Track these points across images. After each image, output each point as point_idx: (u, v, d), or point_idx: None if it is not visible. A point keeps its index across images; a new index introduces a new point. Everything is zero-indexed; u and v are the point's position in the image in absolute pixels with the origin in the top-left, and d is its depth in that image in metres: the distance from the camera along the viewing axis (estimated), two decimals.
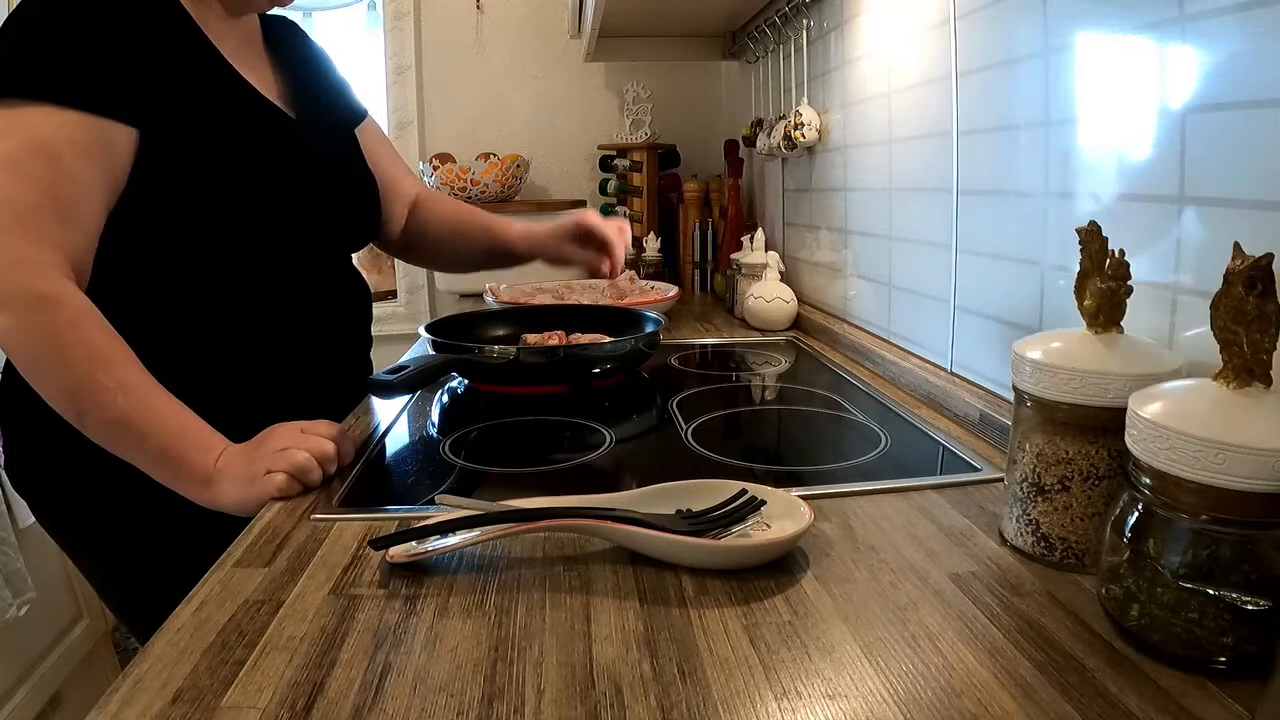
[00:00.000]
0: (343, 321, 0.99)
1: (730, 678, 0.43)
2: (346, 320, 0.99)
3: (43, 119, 0.70)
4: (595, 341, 1.03)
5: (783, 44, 1.47)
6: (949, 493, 0.66)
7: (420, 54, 2.13)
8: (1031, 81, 0.74)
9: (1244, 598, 0.40)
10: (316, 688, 0.42)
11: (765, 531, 0.56)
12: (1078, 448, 0.51)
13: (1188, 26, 0.56)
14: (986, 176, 0.84)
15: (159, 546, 0.82)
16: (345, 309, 0.99)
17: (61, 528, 0.88)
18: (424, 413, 0.96)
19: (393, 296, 2.26)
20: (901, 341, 1.07)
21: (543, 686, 0.42)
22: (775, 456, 0.84)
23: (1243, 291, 0.40)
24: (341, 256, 1.01)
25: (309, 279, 0.92)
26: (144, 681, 0.43)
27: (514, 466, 0.79)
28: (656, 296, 1.47)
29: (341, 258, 1.01)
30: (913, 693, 0.41)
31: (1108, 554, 0.46)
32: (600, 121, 2.18)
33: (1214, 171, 0.55)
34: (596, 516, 0.55)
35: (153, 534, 0.82)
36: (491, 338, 1.16)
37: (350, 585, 0.53)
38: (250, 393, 0.85)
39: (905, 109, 1.01)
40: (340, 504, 0.67)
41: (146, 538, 0.83)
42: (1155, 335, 0.58)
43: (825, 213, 1.34)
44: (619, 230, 1.13)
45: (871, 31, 1.11)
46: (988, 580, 0.52)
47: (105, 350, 0.69)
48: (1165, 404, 0.43)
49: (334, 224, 0.96)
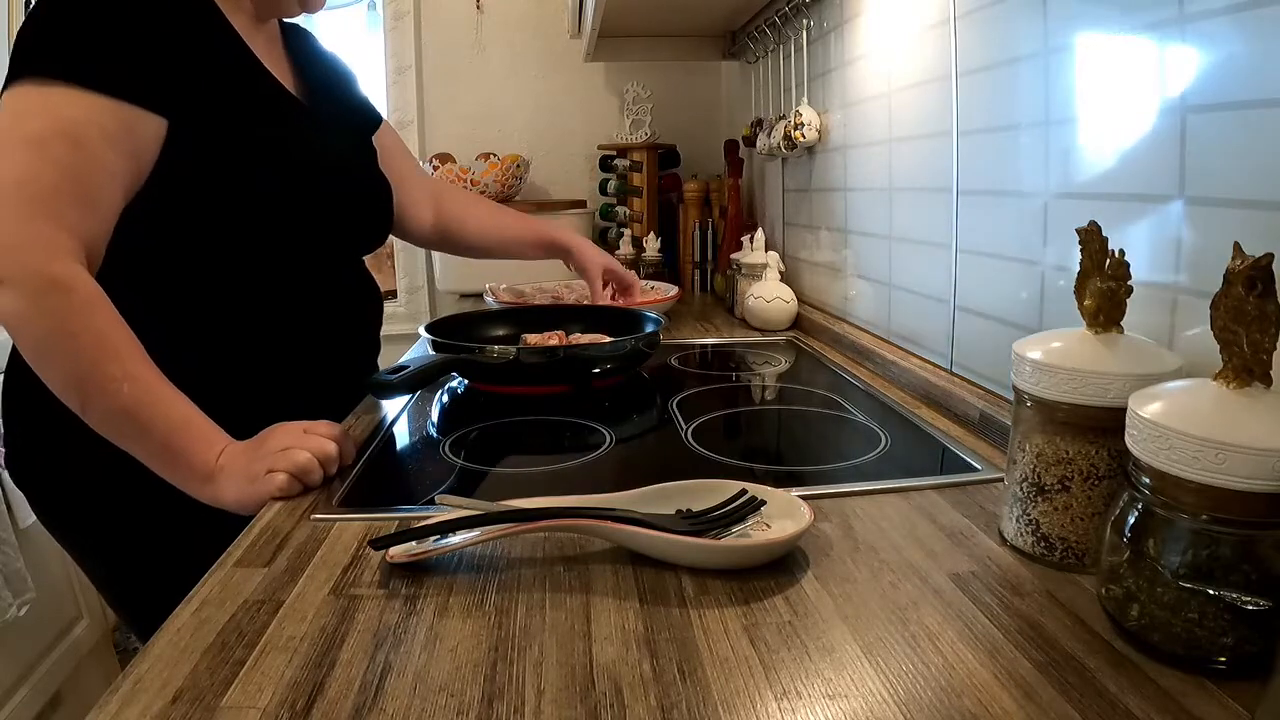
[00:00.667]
0: (352, 322, 0.99)
1: (730, 678, 0.43)
2: (356, 321, 1.00)
3: (72, 101, 0.70)
4: (595, 341, 1.03)
5: (783, 44, 1.47)
6: (949, 493, 0.66)
7: (420, 54, 2.13)
8: (1031, 81, 0.74)
9: (1244, 598, 0.40)
10: (316, 688, 0.42)
11: (765, 531, 0.56)
12: (1078, 448, 0.51)
13: (1188, 26, 0.56)
14: (986, 176, 0.84)
15: (160, 544, 0.82)
16: (356, 309, 0.99)
17: (62, 524, 0.88)
18: (424, 413, 0.96)
19: (393, 296, 2.26)
20: (901, 341, 1.07)
21: (543, 686, 0.42)
22: (775, 456, 0.84)
23: (1243, 291, 0.40)
24: (354, 258, 1.02)
25: (322, 277, 0.93)
26: (144, 681, 0.43)
27: (514, 466, 0.79)
28: (656, 296, 1.47)
29: (354, 259, 1.02)
30: (913, 693, 0.41)
31: (1108, 554, 0.46)
32: (600, 121, 2.18)
33: (1214, 171, 0.55)
34: (596, 516, 0.55)
35: (154, 532, 0.82)
36: (491, 338, 1.16)
37: (350, 585, 0.53)
38: (258, 389, 0.85)
39: (905, 109, 1.01)
40: (340, 504, 0.67)
41: (148, 536, 0.83)
42: (1155, 335, 0.58)
43: (825, 213, 1.34)
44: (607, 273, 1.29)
45: (871, 31, 1.11)
46: (988, 580, 0.52)
47: (114, 339, 0.69)
48: (1165, 404, 0.43)
49: (349, 224, 0.97)
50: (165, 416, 0.70)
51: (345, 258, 0.99)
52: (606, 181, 2.09)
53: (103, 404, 0.68)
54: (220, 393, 0.76)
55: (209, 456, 0.70)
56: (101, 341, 0.68)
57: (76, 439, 0.71)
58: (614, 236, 2.01)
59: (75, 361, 0.68)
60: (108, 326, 0.69)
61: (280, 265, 0.87)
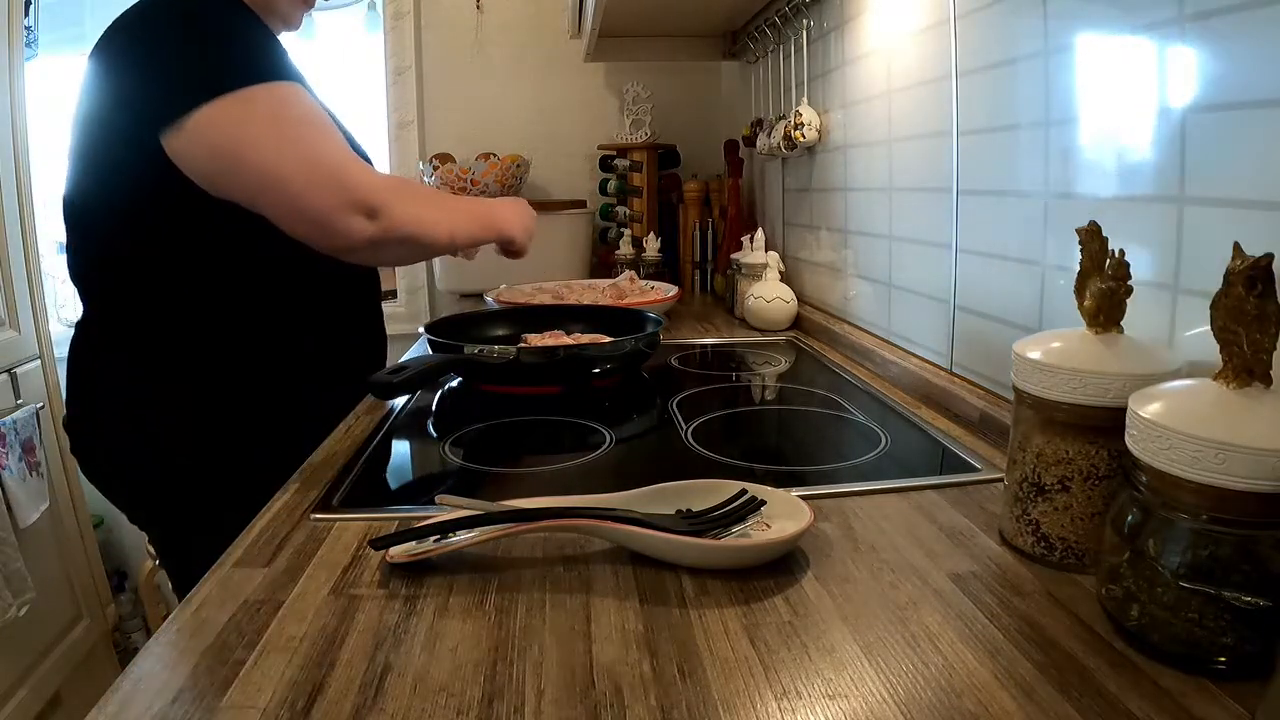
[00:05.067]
0: (367, 307, 1.11)
1: (730, 678, 0.43)
2: (371, 307, 1.12)
3: (297, 92, 0.85)
4: (595, 341, 1.03)
5: (783, 44, 1.47)
6: (949, 493, 0.66)
7: (420, 54, 2.13)
8: (1031, 81, 0.74)
9: (1244, 598, 0.40)
10: (316, 688, 0.42)
11: (765, 531, 0.56)
12: (1078, 448, 0.51)
13: (1188, 26, 0.56)
14: (986, 176, 0.84)
15: (208, 512, 0.85)
16: (370, 296, 1.11)
17: (112, 489, 0.96)
18: (424, 413, 0.96)
19: (393, 296, 2.26)
20: (901, 341, 1.07)
21: (543, 686, 0.42)
22: (775, 456, 0.84)
23: (1243, 291, 0.40)
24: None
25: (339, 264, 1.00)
26: (144, 681, 0.43)
27: (514, 466, 0.79)
28: (656, 296, 1.47)
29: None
30: (913, 693, 0.41)
31: (1108, 554, 0.46)
32: (600, 121, 2.18)
33: (1214, 171, 0.55)
34: (596, 516, 0.55)
35: (203, 499, 0.89)
36: (491, 338, 1.16)
37: (350, 585, 0.53)
38: (278, 375, 0.95)
39: (905, 109, 1.01)
40: (340, 504, 0.67)
41: (199, 501, 0.89)
42: (1155, 335, 0.58)
43: (825, 213, 1.34)
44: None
45: (871, 31, 1.11)
46: (988, 580, 0.52)
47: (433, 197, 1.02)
48: (1165, 404, 0.43)
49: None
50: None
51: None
52: (606, 181, 2.09)
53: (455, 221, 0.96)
54: (245, 377, 0.90)
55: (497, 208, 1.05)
56: (434, 200, 0.98)
57: (128, 411, 0.89)
58: (614, 236, 2.01)
59: (439, 211, 0.94)
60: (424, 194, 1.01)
61: (305, 251, 0.92)
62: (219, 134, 0.80)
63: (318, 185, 0.81)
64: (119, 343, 0.91)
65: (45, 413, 1.73)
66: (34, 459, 1.64)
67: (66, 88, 2.35)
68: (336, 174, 0.82)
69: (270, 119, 0.81)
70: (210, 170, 0.82)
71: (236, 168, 0.80)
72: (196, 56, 0.82)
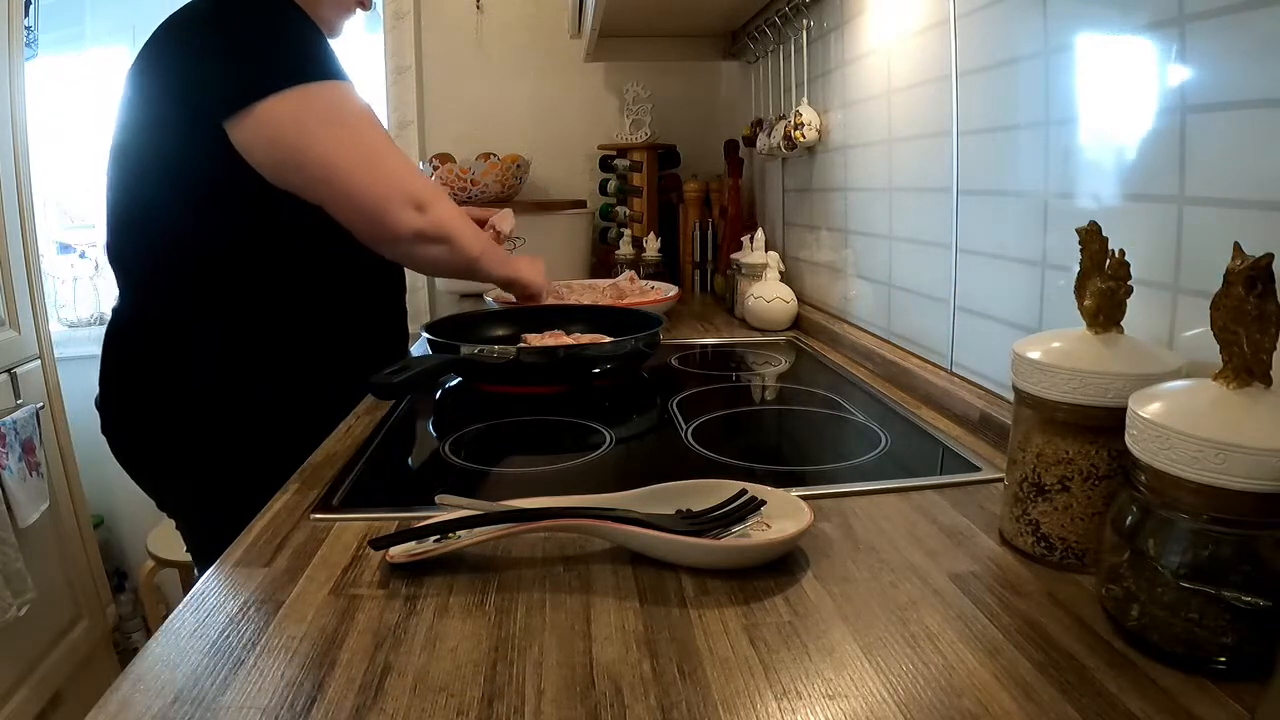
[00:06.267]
0: (392, 298, 1.15)
1: (730, 678, 0.43)
2: (395, 298, 1.16)
3: (347, 90, 0.90)
4: (595, 341, 1.03)
5: (783, 44, 1.47)
6: (949, 493, 0.66)
7: (420, 54, 2.13)
8: (1031, 81, 0.74)
9: (1244, 598, 0.40)
10: (316, 688, 0.42)
11: (765, 531, 0.56)
12: (1078, 448, 0.51)
13: (1187, 26, 0.56)
14: (986, 176, 0.84)
15: (233, 498, 0.86)
16: (395, 286, 1.15)
17: (142, 473, 1.00)
18: (424, 413, 0.96)
19: None
20: (901, 341, 1.07)
21: (543, 686, 0.42)
22: (775, 456, 0.84)
23: (1243, 291, 0.40)
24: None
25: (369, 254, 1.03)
26: (144, 681, 0.43)
27: (514, 466, 0.79)
28: (656, 296, 1.46)
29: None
30: (913, 693, 0.41)
31: (1108, 554, 0.46)
32: (600, 121, 2.18)
33: (1214, 171, 0.55)
34: (596, 516, 0.55)
35: (227, 483, 0.90)
36: (491, 338, 1.16)
37: (350, 585, 0.53)
38: (309, 363, 1.00)
39: (905, 109, 1.01)
40: (340, 504, 0.67)
41: (230, 482, 0.91)
42: (1155, 335, 0.58)
43: (825, 213, 1.34)
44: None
45: (871, 31, 1.11)
46: (988, 580, 0.52)
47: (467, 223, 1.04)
48: (1165, 404, 0.43)
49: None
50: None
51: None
52: (606, 181, 2.09)
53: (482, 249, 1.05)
54: (277, 366, 0.95)
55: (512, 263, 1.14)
56: (468, 218, 1.06)
57: (158, 401, 0.93)
58: (614, 236, 2.01)
59: (472, 229, 1.04)
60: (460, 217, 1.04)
61: (341, 243, 0.97)
62: (282, 126, 0.85)
63: (374, 177, 0.88)
64: (162, 329, 0.95)
65: (45, 413, 1.73)
66: (34, 459, 1.64)
67: (66, 88, 2.33)
68: (391, 168, 0.89)
69: (329, 114, 0.87)
70: (273, 159, 0.87)
71: (298, 159, 0.86)
72: (260, 50, 0.87)
